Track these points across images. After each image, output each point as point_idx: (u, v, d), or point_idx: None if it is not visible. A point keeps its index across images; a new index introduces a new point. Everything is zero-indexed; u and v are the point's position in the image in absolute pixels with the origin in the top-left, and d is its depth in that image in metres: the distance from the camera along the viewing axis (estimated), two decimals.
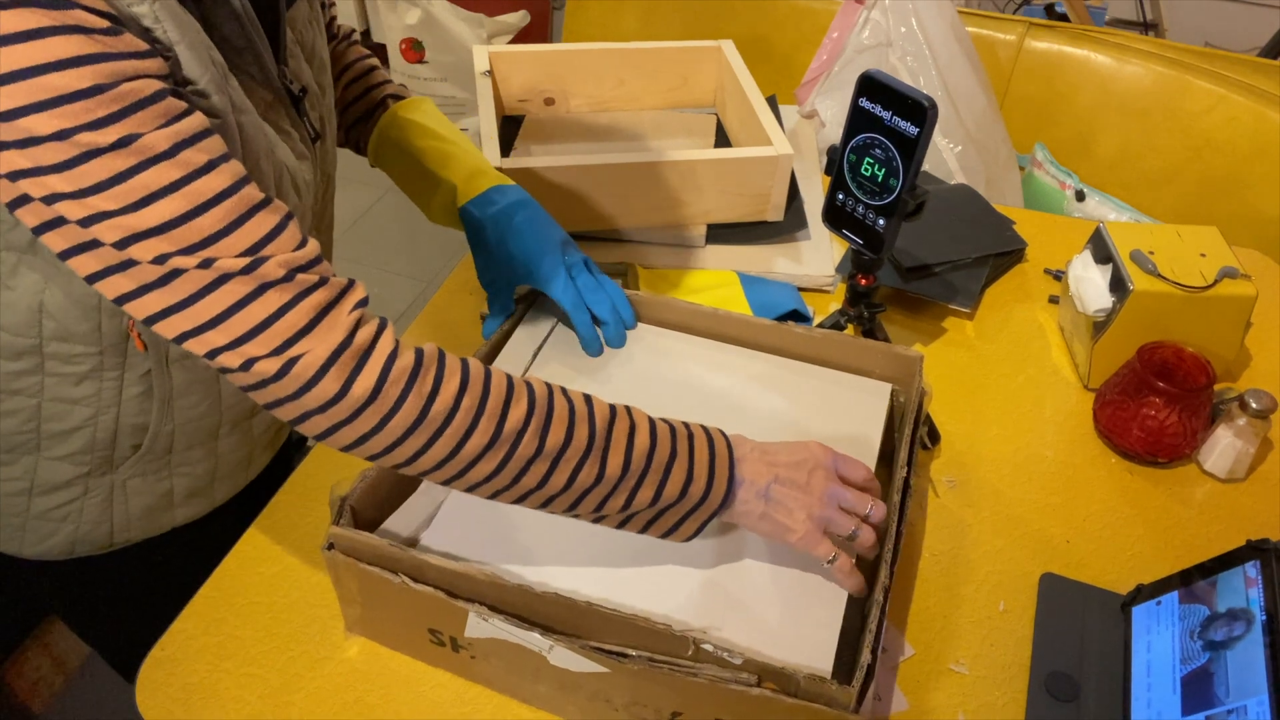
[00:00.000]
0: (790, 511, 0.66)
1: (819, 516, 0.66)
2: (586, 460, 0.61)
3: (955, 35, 1.43)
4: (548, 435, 0.60)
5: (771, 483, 0.66)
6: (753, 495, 0.66)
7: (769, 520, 0.66)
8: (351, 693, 0.71)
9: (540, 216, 0.87)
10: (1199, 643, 0.67)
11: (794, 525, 0.65)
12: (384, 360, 0.57)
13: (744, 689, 0.59)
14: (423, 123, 0.91)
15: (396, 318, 2.43)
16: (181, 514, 0.85)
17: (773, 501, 0.66)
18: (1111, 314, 0.94)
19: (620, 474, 0.62)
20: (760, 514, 0.66)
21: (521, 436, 0.59)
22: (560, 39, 2.42)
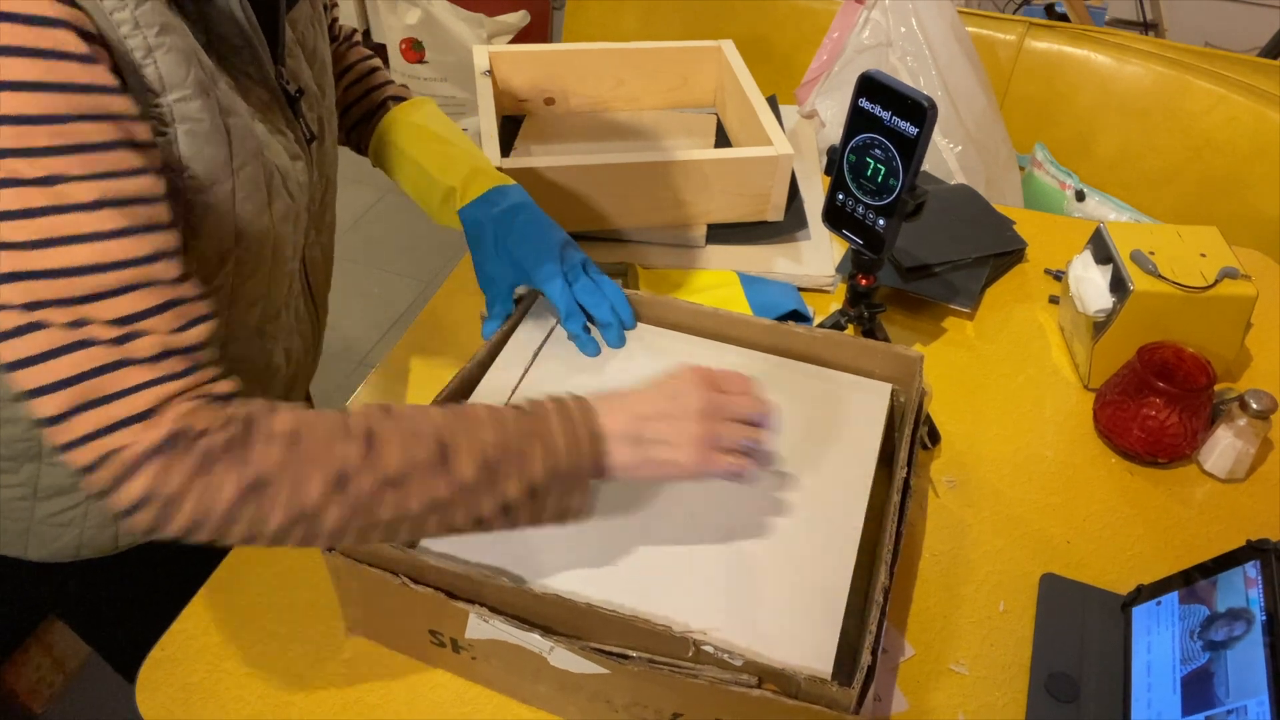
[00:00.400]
0: (670, 445, 0.63)
1: (703, 437, 0.63)
2: (435, 474, 0.57)
3: (955, 35, 1.43)
4: (384, 464, 0.56)
5: (638, 422, 0.63)
6: (624, 445, 0.62)
7: (651, 463, 0.63)
8: (351, 693, 0.71)
9: (539, 218, 0.86)
10: (1199, 643, 0.67)
11: (678, 458, 0.62)
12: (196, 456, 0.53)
13: (744, 690, 0.59)
14: (423, 124, 0.90)
15: (396, 318, 2.43)
16: None
17: (647, 442, 0.63)
18: (1112, 314, 0.94)
19: (476, 476, 0.58)
20: (640, 460, 0.62)
21: (358, 474, 0.55)
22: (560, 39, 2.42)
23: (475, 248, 0.87)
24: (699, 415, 0.63)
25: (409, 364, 1.01)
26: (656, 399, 0.64)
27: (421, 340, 1.04)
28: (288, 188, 0.70)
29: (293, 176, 0.71)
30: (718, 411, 0.64)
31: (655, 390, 0.65)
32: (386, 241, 2.68)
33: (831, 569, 0.68)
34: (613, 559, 0.68)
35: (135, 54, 0.54)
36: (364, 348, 2.34)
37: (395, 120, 0.91)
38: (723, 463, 0.64)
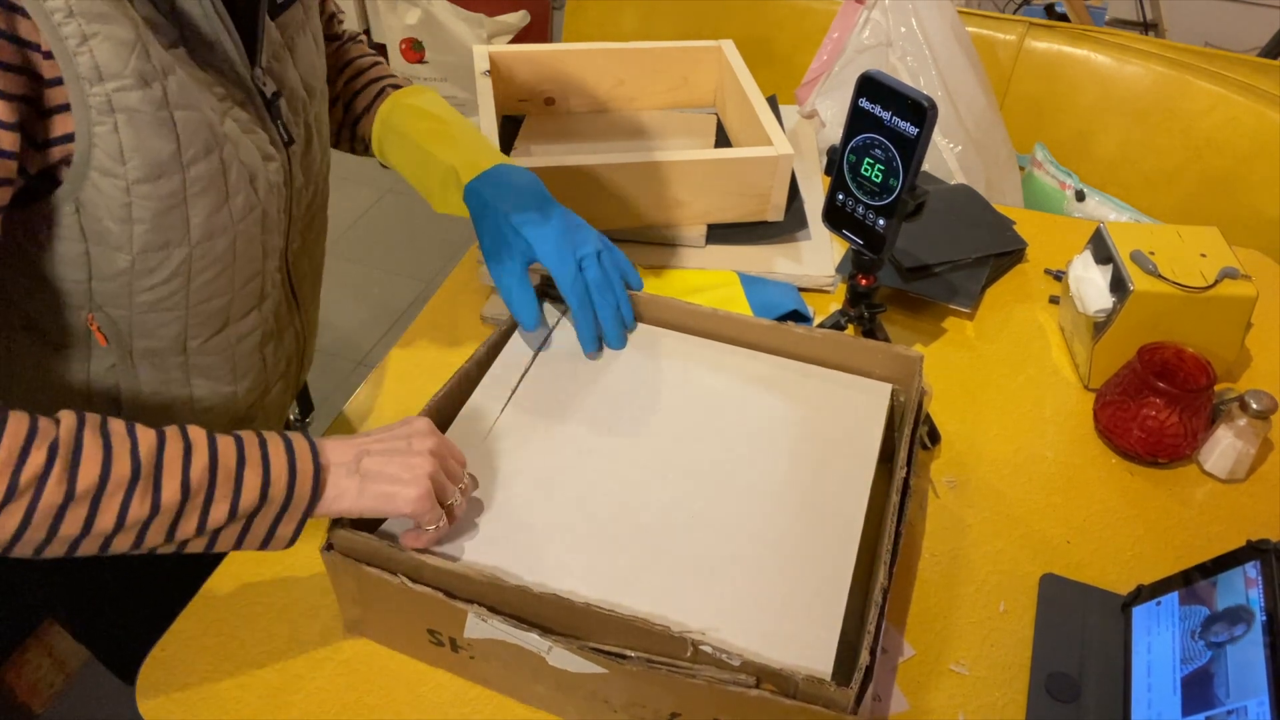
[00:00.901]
0: (396, 476, 0.63)
1: (429, 474, 0.64)
2: (134, 494, 0.56)
3: (955, 35, 1.43)
4: (77, 477, 0.55)
5: (362, 456, 0.63)
6: (344, 475, 0.63)
7: (371, 493, 0.63)
8: (351, 693, 0.71)
9: (547, 198, 0.84)
10: (1199, 643, 0.67)
11: (402, 490, 0.63)
12: None
13: (742, 690, 0.59)
14: (423, 106, 0.89)
15: (396, 318, 2.43)
16: None
17: (370, 472, 0.63)
18: (1112, 314, 0.94)
19: (180, 498, 0.57)
20: (358, 491, 0.62)
21: (44, 484, 0.54)
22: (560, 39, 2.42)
23: (480, 229, 0.84)
24: (432, 458, 0.65)
25: (409, 364, 1.01)
26: (389, 440, 0.65)
27: (421, 340, 1.04)
28: (255, 187, 0.70)
29: (262, 177, 0.71)
30: (442, 461, 0.66)
31: (388, 432, 0.66)
32: (386, 241, 2.68)
33: (831, 569, 0.68)
34: (611, 559, 0.68)
35: (69, 41, 0.55)
36: (364, 348, 2.34)
37: (394, 105, 0.90)
38: (435, 513, 0.64)
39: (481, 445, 0.76)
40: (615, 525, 0.71)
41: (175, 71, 0.61)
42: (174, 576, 0.81)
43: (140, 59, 0.58)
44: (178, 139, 0.62)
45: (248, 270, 0.74)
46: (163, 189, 0.63)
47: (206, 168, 0.65)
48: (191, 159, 0.63)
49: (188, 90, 0.62)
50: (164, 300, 0.69)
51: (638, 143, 1.28)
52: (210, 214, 0.67)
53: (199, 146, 0.64)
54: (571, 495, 0.73)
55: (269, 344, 0.82)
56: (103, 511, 0.56)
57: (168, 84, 0.61)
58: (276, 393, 0.87)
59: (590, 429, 0.78)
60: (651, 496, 0.73)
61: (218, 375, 0.78)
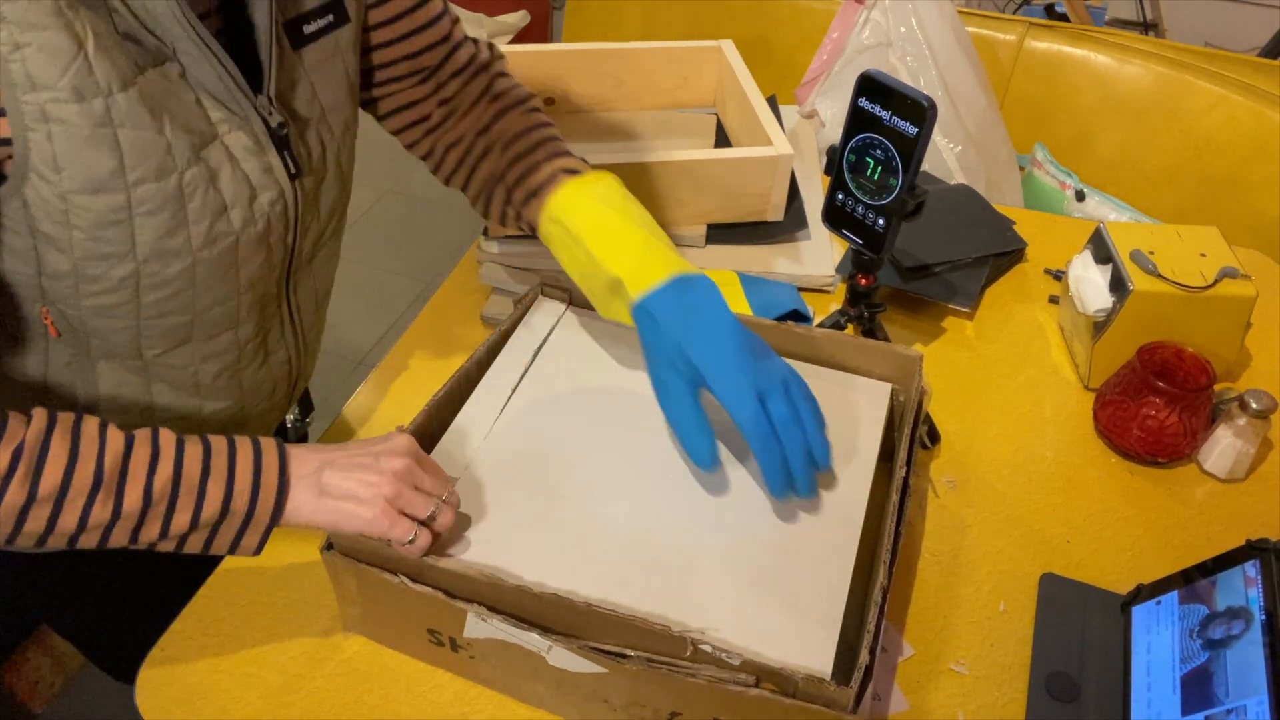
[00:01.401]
0: (355, 493, 0.63)
1: (391, 495, 0.64)
2: (95, 500, 0.58)
3: (955, 35, 1.43)
4: (40, 479, 0.57)
5: (324, 469, 0.64)
6: (303, 488, 0.63)
7: (328, 509, 0.63)
8: (351, 693, 0.71)
9: (726, 318, 0.72)
10: (1199, 642, 0.67)
11: (359, 510, 0.63)
12: None
13: (742, 689, 0.59)
14: (596, 204, 0.78)
15: (396, 318, 2.43)
16: None
17: (329, 487, 0.63)
18: (1111, 314, 0.94)
19: (142, 505, 0.59)
20: (315, 507, 0.63)
21: (7, 485, 0.56)
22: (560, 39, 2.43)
23: (648, 349, 0.74)
24: (395, 477, 0.64)
25: (409, 364, 1.01)
26: (358, 455, 0.65)
27: (421, 340, 1.04)
28: (229, 217, 0.67)
29: (243, 208, 0.68)
30: (411, 480, 0.65)
31: (360, 447, 0.66)
32: (386, 241, 2.68)
33: (831, 569, 0.68)
34: (611, 558, 0.68)
35: (2, 48, 0.54)
36: (364, 348, 2.34)
37: (566, 202, 0.78)
38: (404, 529, 0.64)
39: (482, 445, 0.76)
40: (615, 525, 0.71)
41: (132, 88, 0.59)
42: (170, 579, 0.81)
43: (79, 74, 0.57)
44: (121, 158, 0.60)
45: (212, 296, 0.70)
46: (102, 203, 0.61)
47: (158, 190, 0.62)
48: (138, 179, 0.61)
49: (145, 110, 0.60)
50: (112, 308, 0.67)
51: (638, 143, 1.28)
52: (161, 236, 0.64)
53: (148, 168, 0.61)
54: (572, 495, 0.73)
55: (249, 367, 0.80)
56: (65, 514, 0.58)
57: (115, 101, 0.59)
58: (258, 413, 0.85)
59: (590, 429, 0.78)
60: (652, 496, 0.73)
61: (181, 386, 0.76)
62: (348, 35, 0.75)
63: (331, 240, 0.84)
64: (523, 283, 1.06)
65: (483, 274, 1.07)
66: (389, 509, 0.64)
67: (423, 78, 0.84)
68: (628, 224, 0.76)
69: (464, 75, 0.86)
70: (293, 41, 0.71)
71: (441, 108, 0.86)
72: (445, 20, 0.84)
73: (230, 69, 0.64)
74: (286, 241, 0.75)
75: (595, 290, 0.76)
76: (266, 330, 0.79)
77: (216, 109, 0.65)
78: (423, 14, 0.81)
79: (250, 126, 0.67)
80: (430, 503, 0.65)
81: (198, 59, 0.62)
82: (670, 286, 0.72)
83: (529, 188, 0.81)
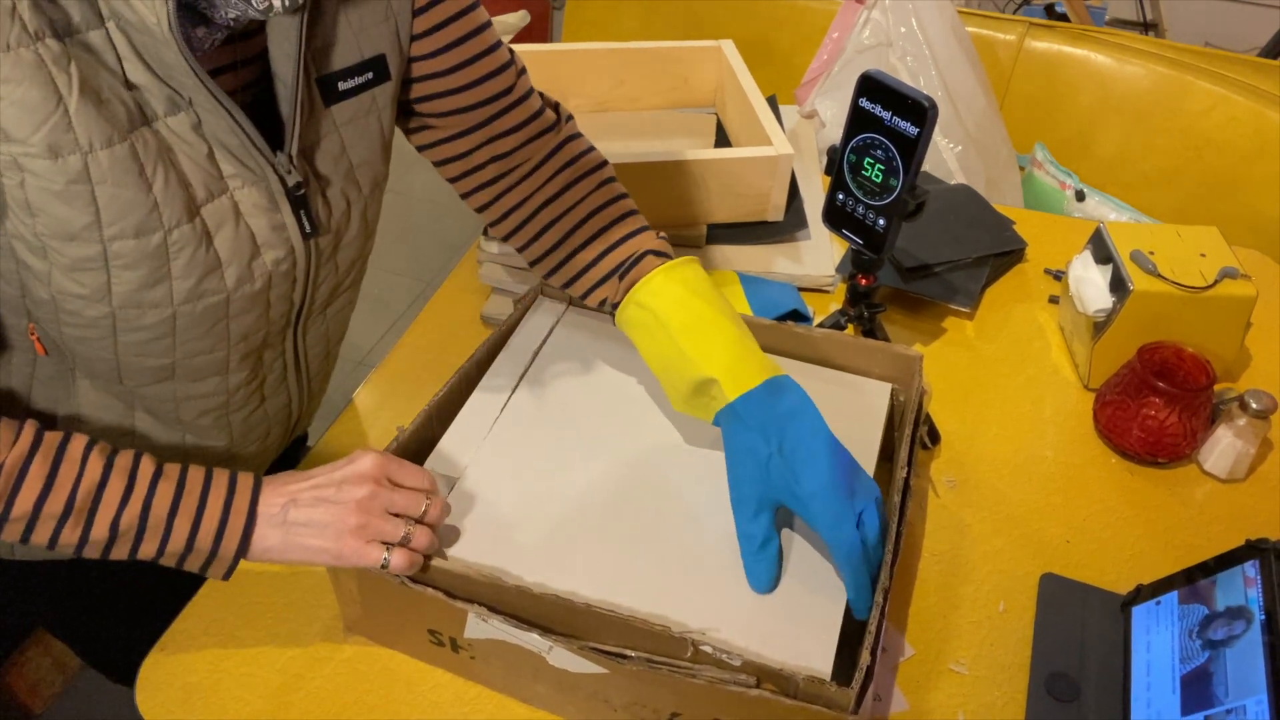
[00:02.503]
0: (319, 530, 0.63)
1: (356, 526, 0.63)
2: (64, 526, 0.60)
3: (955, 35, 1.43)
4: (15, 501, 0.59)
5: (288, 506, 0.64)
6: (269, 526, 0.64)
7: (295, 547, 0.64)
8: (351, 693, 0.71)
9: (824, 433, 0.68)
10: (1198, 642, 0.67)
11: (325, 544, 0.63)
12: None
13: (743, 690, 0.59)
14: (687, 295, 0.74)
15: (396, 318, 2.43)
16: None
17: (293, 525, 0.63)
18: (1111, 314, 0.94)
19: (109, 536, 0.61)
20: (286, 544, 0.64)
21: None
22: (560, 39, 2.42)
23: (736, 459, 0.69)
24: (357, 507, 0.64)
25: (409, 364, 1.01)
26: (322, 486, 0.65)
27: (421, 340, 1.05)
28: (223, 275, 0.65)
29: (239, 264, 0.66)
30: (378, 505, 0.65)
31: (325, 476, 0.65)
32: (386, 241, 2.67)
33: (830, 570, 0.68)
34: (611, 559, 0.68)
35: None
36: (364, 348, 2.34)
37: (657, 285, 0.74)
38: (374, 556, 0.63)
39: (482, 445, 0.76)
40: (616, 525, 0.71)
41: (120, 145, 0.57)
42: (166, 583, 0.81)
43: (55, 131, 0.55)
44: (97, 214, 0.58)
45: (196, 346, 0.69)
46: (75, 250, 0.59)
47: (136, 246, 0.60)
48: (115, 235, 0.59)
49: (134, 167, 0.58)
50: (90, 341, 0.66)
51: (638, 143, 1.28)
52: (139, 289, 0.62)
53: (126, 225, 0.59)
54: (572, 495, 0.73)
55: (240, 411, 0.78)
56: (37, 533, 0.61)
57: (95, 158, 0.57)
58: (249, 454, 0.83)
59: (591, 429, 0.78)
60: (652, 496, 0.73)
61: (164, 419, 0.75)
62: (386, 93, 0.71)
63: (350, 290, 0.81)
64: (523, 282, 1.06)
65: (483, 274, 1.07)
66: (354, 541, 0.63)
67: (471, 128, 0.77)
68: (721, 319, 0.72)
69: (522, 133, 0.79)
70: (326, 98, 0.68)
71: (496, 164, 0.79)
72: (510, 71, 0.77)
73: (245, 126, 0.62)
74: (292, 298, 0.73)
75: (677, 385, 0.73)
76: (265, 377, 0.78)
77: (230, 163, 0.64)
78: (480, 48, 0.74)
79: (266, 184, 0.65)
80: (402, 524, 0.64)
81: (212, 111, 0.60)
82: (763, 389, 0.69)
83: (608, 267, 0.78)
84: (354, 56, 0.68)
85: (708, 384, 0.70)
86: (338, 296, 0.79)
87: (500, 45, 0.76)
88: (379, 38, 0.69)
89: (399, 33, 0.70)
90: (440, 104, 0.75)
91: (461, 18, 0.73)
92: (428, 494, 0.66)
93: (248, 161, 0.64)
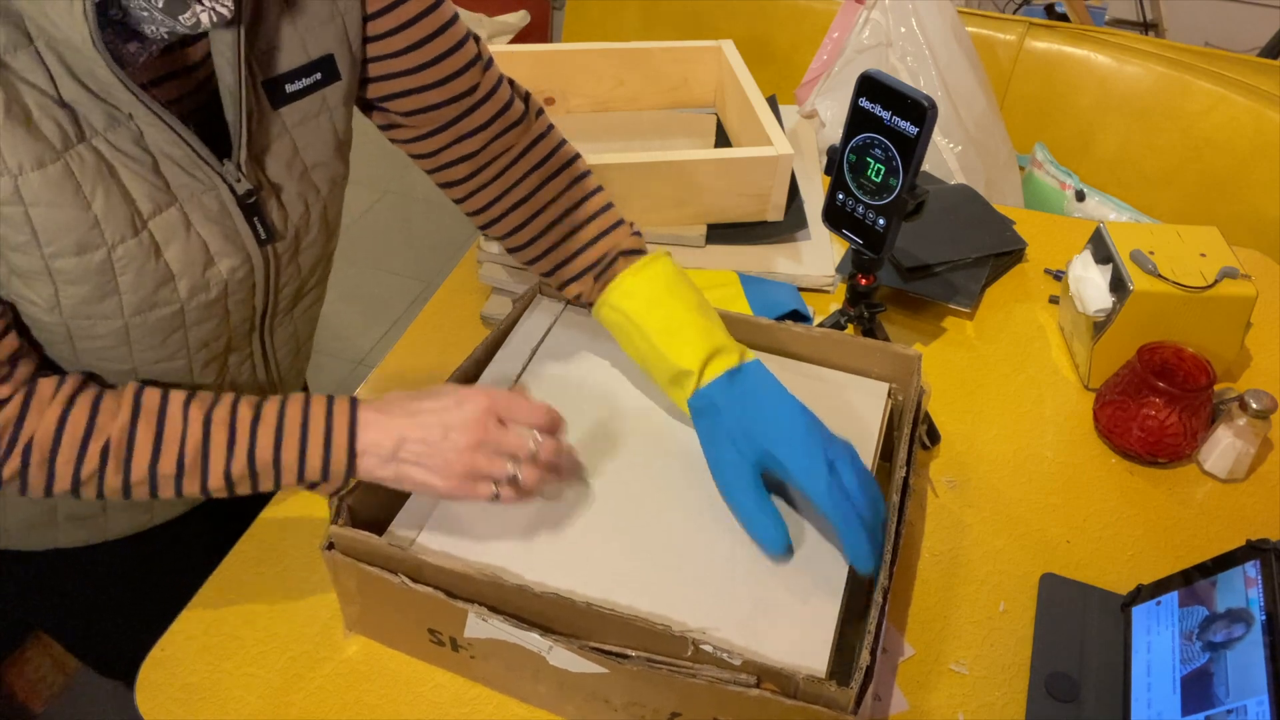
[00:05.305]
0: (427, 470, 0.65)
1: (463, 469, 0.65)
2: (183, 482, 0.64)
3: (955, 35, 1.43)
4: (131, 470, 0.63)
5: (400, 444, 0.66)
6: (378, 463, 0.66)
7: (405, 480, 0.66)
8: (351, 693, 0.71)
9: (789, 400, 0.73)
10: (1199, 643, 0.67)
11: (433, 482, 0.66)
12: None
13: (743, 689, 0.59)
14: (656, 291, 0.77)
15: (396, 318, 2.43)
16: (66, 535, 0.82)
17: (404, 463, 0.66)
18: (1111, 314, 0.94)
19: (227, 484, 0.65)
20: (392, 476, 0.66)
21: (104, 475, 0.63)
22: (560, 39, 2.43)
23: (709, 439, 0.74)
24: (464, 448, 0.65)
25: (409, 364, 1.01)
26: (429, 424, 0.66)
27: (421, 340, 1.04)
28: (175, 286, 0.65)
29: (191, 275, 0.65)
30: (487, 445, 0.66)
31: (435, 416, 0.66)
32: (386, 241, 2.68)
33: (827, 569, 0.68)
34: (611, 558, 0.68)
35: None
36: (364, 348, 2.34)
37: (627, 286, 0.78)
38: (481, 491, 0.66)
39: None
40: (615, 525, 0.71)
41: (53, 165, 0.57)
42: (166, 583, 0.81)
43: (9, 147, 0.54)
44: (34, 234, 0.58)
45: (155, 354, 0.68)
46: (21, 262, 0.59)
47: (79, 263, 0.60)
48: (55, 253, 0.59)
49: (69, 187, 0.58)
50: (51, 345, 0.66)
51: (638, 143, 1.28)
52: (86, 301, 0.62)
53: (65, 244, 0.59)
54: (571, 495, 0.73)
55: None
56: (160, 490, 0.64)
57: (26, 179, 0.56)
58: None
59: (589, 429, 0.78)
60: (651, 496, 0.73)
61: None
62: (338, 92, 0.71)
63: (316, 288, 0.81)
64: (522, 282, 1.06)
65: (482, 274, 1.07)
66: (463, 482, 0.66)
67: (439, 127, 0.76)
68: (691, 314, 0.76)
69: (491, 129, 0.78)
70: (274, 100, 0.67)
71: (467, 162, 0.78)
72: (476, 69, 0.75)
73: (188, 138, 0.61)
74: (254, 303, 0.73)
75: (661, 379, 0.77)
76: (234, 379, 0.78)
77: (177, 174, 0.63)
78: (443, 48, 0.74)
79: (216, 193, 0.65)
80: (509, 465, 0.66)
81: (153, 125, 0.59)
82: (729, 374, 0.74)
83: (583, 264, 0.80)
84: (300, 58, 0.67)
85: (683, 375, 0.74)
86: (303, 296, 0.80)
87: (466, 41, 0.75)
88: (325, 38, 0.68)
89: (347, 32, 0.69)
90: (405, 103, 0.74)
91: (425, 17, 0.72)
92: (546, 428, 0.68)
93: (195, 172, 0.63)
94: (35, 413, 0.62)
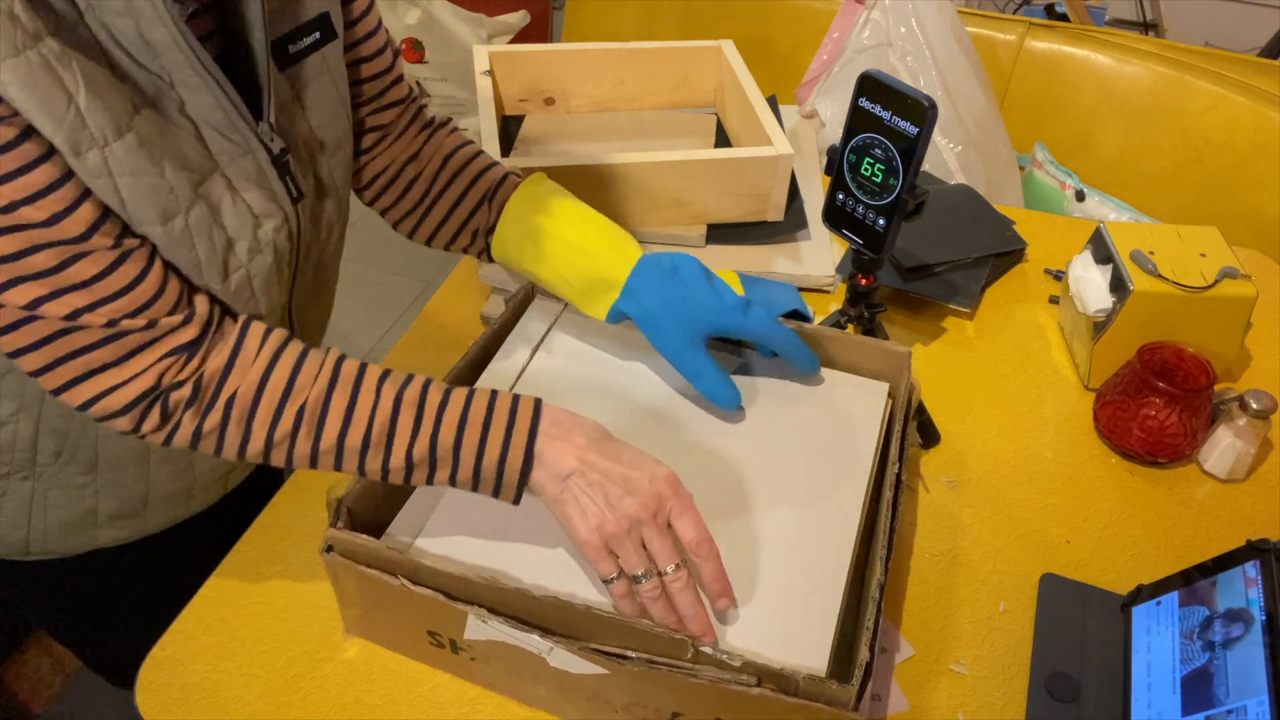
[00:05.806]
0: (583, 513, 0.63)
1: (610, 534, 0.62)
2: (366, 457, 0.64)
3: (955, 35, 1.43)
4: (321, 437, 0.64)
5: (574, 473, 0.63)
6: (550, 477, 0.64)
7: (559, 507, 0.64)
8: (351, 693, 0.71)
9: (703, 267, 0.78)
10: (1199, 643, 0.67)
11: (579, 527, 0.63)
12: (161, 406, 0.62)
13: (744, 689, 0.59)
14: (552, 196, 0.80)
15: (396, 318, 2.43)
16: (106, 535, 0.83)
17: (569, 493, 0.64)
18: (1111, 314, 0.94)
19: (406, 466, 0.65)
20: (554, 497, 0.64)
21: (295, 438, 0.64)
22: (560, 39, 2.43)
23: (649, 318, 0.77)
24: (625, 517, 0.63)
25: (409, 364, 1.01)
26: (611, 473, 0.63)
27: (421, 340, 1.05)
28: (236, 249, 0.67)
29: (246, 237, 0.67)
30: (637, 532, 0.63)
31: (624, 463, 0.64)
32: (386, 241, 2.67)
33: (826, 568, 0.68)
34: None
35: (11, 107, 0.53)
36: (364, 348, 2.34)
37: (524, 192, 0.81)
38: (607, 567, 0.63)
39: None
40: None
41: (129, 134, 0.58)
42: (166, 583, 0.81)
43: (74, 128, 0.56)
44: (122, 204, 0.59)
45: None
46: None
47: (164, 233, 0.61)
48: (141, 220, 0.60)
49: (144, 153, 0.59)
50: None
51: (638, 143, 1.28)
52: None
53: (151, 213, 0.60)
54: None
55: None
56: (344, 462, 0.65)
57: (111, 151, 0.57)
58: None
59: None
60: None
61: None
62: (336, 51, 0.73)
63: (332, 261, 0.83)
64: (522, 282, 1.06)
65: (482, 274, 1.07)
66: (601, 545, 0.63)
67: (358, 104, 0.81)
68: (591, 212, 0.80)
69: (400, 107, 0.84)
70: (279, 62, 0.69)
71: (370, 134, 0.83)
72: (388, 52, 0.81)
73: (233, 97, 0.62)
74: (294, 265, 0.74)
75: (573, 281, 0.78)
76: None
77: (217, 140, 0.64)
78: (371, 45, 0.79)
79: (253, 155, 0.66)
80: (643, 564, 0.63)
81: (198, 89, 0.60)
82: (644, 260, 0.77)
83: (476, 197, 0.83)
84: (301, 17, 0.69)
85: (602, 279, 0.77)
86: (324, 268, 0.81)
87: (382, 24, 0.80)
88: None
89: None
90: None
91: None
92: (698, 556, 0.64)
93: (233, 136, 0.64)
94: (240, 369, 0.63)
